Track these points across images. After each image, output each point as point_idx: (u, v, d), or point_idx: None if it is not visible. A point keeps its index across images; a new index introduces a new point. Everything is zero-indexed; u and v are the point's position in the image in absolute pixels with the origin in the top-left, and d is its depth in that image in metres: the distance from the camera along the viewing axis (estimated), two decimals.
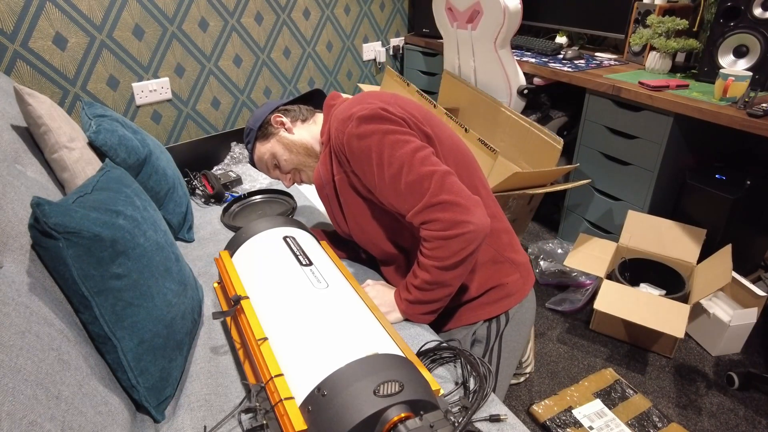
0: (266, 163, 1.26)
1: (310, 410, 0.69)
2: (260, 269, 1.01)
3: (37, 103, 1.16)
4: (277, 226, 1.13)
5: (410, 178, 0.96)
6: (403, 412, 0.67)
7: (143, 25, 2.01)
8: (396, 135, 0.98)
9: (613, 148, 1.95)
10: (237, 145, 2.10)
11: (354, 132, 0.99)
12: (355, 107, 1.02)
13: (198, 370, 1.04)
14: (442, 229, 0.94)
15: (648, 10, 1.99)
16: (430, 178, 0.95)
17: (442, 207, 0.94)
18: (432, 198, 0.95)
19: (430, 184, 0.95)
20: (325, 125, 1.18)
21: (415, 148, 0.97)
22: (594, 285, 2.02)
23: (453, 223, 0.93)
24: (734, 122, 1.49)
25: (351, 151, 1.02)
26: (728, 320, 1.70)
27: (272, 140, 1.23)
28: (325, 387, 0.70)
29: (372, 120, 0.99)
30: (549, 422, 1.50)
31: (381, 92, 1.09)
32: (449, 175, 0.97)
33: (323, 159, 1.15)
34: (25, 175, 1.04)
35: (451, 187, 0.95)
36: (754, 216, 1.88)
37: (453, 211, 0.93)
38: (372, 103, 1.02)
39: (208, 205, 1.78)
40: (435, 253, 0.96)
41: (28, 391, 0.64)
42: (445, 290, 1.02)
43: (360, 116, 0.99)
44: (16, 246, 0.84)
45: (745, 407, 1.56)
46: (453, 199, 0.94)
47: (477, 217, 0.94)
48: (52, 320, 0.78)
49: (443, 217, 0.94)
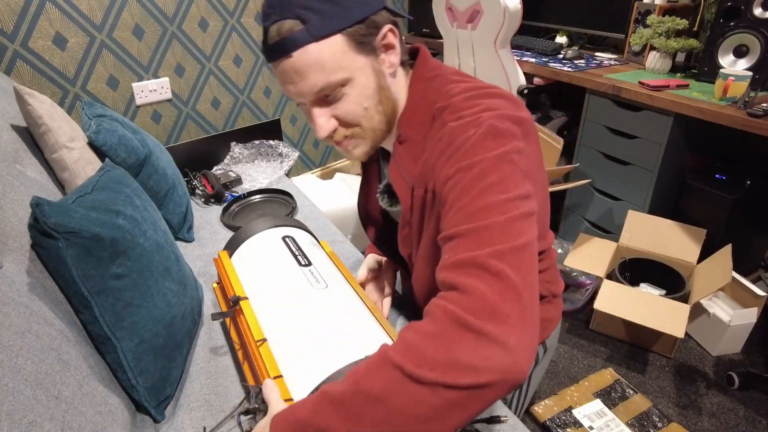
0: (324, 80, 0.71)
1: None
2: (259, 270, 1.01)
3: (37, 103, 1.16)
4: (276, 225, 1.13)
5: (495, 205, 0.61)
6: None
7: (143, 24, 2.01)
8: (517, 165, 0.65)
9: (613, 148, 1.95)
10: (237, 145, 2.09)
11: (480, 142, 0.66)
12: (483, 108, 0.70)
13: (198, 370, 1.04)
14: (466, 309, 0.54)
15: (648, 10, 1.99)
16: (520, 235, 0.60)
17: (493, 280, 0.55)
18: (497, 256, 0.57)
19: (511, 240, 0.59)
20: (415, 104, 0.80)
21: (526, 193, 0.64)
22: (594, 285, 2.02)
23: (487, 318, 0.53)
24: (734, 122, 1.49)
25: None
26: (728, 320, 1.70)
27: (367, 59, 0.73)
28: None
29: (503, 136, 0.67)
30: (549, 422, 1.49)
31: (510, 97, 0.76)
32: (535, 260, 0.61)
33: (404, 152, 0.81)
34: (25, 175, 1.04)
35: (526, 270, 0.58)
36: (754, 216, 1.87)
37: (504, 304, 0.54)
38: (510, 115, 0.70)
39: (207, 205, 1.78)
40: (421, 343, 0.54)
41: (27, 391, 0.63)
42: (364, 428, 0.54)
43: (492, 126, 0.67)
44: (15, 246, 0.84)
45: (745, 407, 1.56)
46: (517, 285, 0.55)
47: (518, 354, 0.52)
48: (52, 320, 0.78)
49: (482, 295, 0.54)
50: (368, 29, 0.71)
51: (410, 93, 0.80)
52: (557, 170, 1.95)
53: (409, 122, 0.79)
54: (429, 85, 0.79)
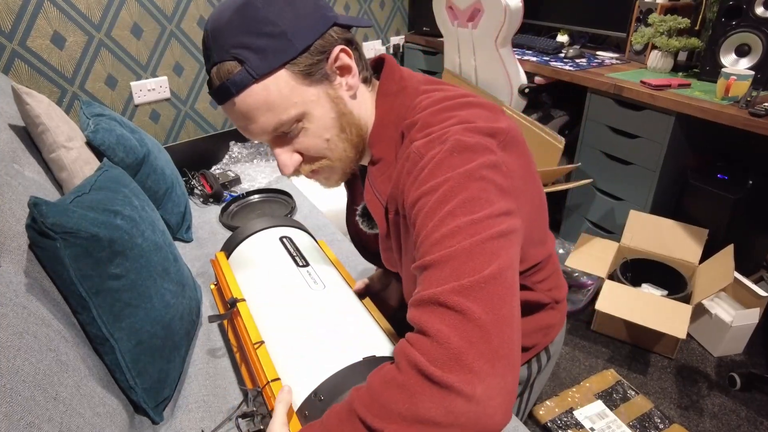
0: (275, 120, 0.66)
1: (307, 415, 0.68)
2: (256, 271, 1.00)
3: (35, 102, 1.16)
4: (273, 226, 1.12)
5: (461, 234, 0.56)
6: None
7: (142, 23, 2.00)
8: (488, 181, 0.60)
9: (614, 148, 1.94)
10: (236, 145, 2.09)
11: (444, 160, 0.61)
12: (452, 123, 0.65)
13: (196, 371, 1.04)
14: (429, 357, 0.50)
15: (650, 9, 1.98)
16: (487, 263, 0.54)
17: (457, 321, 0.51)
18: (461, 292, 0.52)
19: (477, 270, 0.53)
20: (382, 121, 0.74)
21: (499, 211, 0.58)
22: (595, 285, 2.01)
23: (450, 368, 0.49)
24: (736, 122, 1.49)
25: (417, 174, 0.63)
26: (730, 321, 1.69)
27: (320, 89, 0.67)
28: (321, 392, 0.69)
29: (471, 151, 0.61)
30: (550, 423, 1.49)
31: (488, 106, 0.71)
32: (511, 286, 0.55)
33: (377, 173, 0.74)
34: (23, 175, 1.03)
35: (498, 302, 0.53)
36: (756, 216, 1.87)
37: (470, 349, 0.50)
38: (481, 127, 0.64)
39: (206, 205, 1.77)
40: (385, 394, 0.51)
41: (25, 393, 0.63)
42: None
43: (458, 141, 0.62)
44: (13, 246, 0.83)
45: (747, 408, 1.56)
46: (485, 323, 0.51)
47: (487, 403, 0.49)
48: (50, 321, 0.77)
49: (446, 340, 0.50)
50: (315, 57, 0.65)
51: (377, 109, 0.74)
52: (558, 170, 1.94)
53: (379, 141, 0.73)
54: (396, 99, 0.73)
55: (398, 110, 0.72)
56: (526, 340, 0.89)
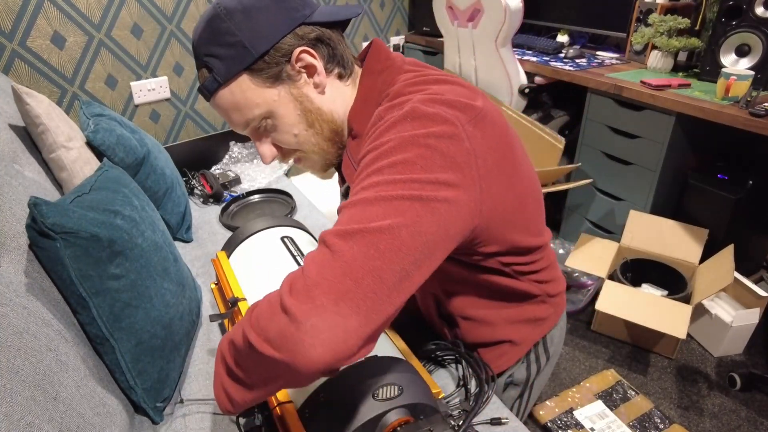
0: (243, 118, 0.73)
1: (308, 415, 0.69)
2: (257, 270, 1.00)
3: (35, 102, 1.15)
4: (274, 225, 1.12)
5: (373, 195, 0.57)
6: (402, 416, 0.67)
7: (142, 23, 2.00)
8: (433, 150, 0.59)
9: (614, 148, 1.94)
10: (236, 145, 2.08)
11: (395, 124, 0.62)
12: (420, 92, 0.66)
13: (196, 371, 1.04)
14: (291, 285, 0.54)
15: (650, 9, 1.98)
16: (382, 217, 0.55)
17: (325, 258, 0.54)
18: (341, 235, 0.55)
19: (367, 220, 0.55)
20: (364, 98, 0.75)
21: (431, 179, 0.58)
22: (595, 285, 2.01)
23: (297, 296, 0.52)
24: (736, 122, 1.49)
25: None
26: (730, 321, 1.69)
27: (281, 89, 0.71)
28: (323, 391, 0.69)
29: (425, 118, 0.61)
30: (550, 423, 1.49)
31: (468, 86, 0.70)
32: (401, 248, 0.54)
33: (355, 146, 0.76)
34: (23, 175, 1.03)
35: (374, 254, 0.53)
36: (757, 216, 1.87)
37: (321, 283, 0.52)
38: (447, 99, 0.64)
39: (206, 205, 1.77)
40: (262, 309, 0.56)
41: (25, 392, 0.63)
42: (240, 371, 0.60)
43: (415, 108, 0.62)
44: (13, 246, 0.83)
45: (747, 408, 1.56)
46: (348, 265, 0.52)
47: (311, 337, 0.50)
48: (50, 321, 0.77)
49: (308, 271, 0.54)
50: (274, 60, 0.69)
51: (360, 87, 0.77)
52: (558, 170, 1.94)
53: (359, 118, 0.76)
54: (378, 77, 0.75)
55: (380, 87, 0.74)
56: (513, 331, 0.89)
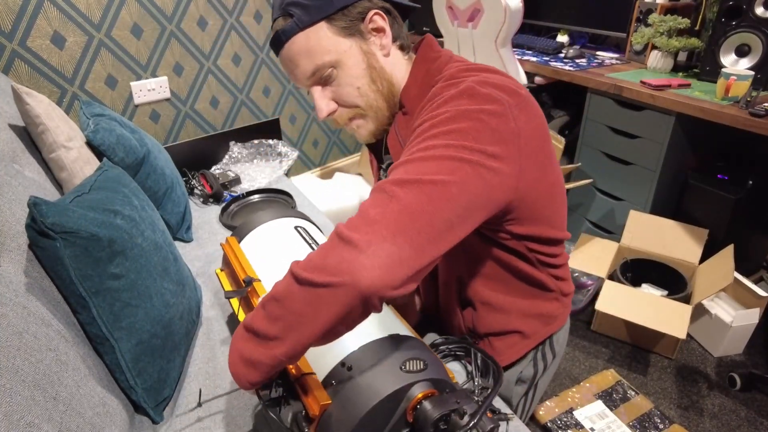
0: (313, 64, 0.77)
1: (334, 384, 0.68)
2: (273, 254, 0.98)
3: (35, 102, 1.16)
4: (286, 216, 1.11)
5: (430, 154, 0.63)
6: (427, 389, 0.67)
7: (142, 23, 2.00)
8: (484, 124, 0.65)
9: (614, 148, 1.94)
10: (235, 145, 2.08)
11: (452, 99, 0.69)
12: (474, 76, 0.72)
13: (196, 370, 1.04)
14: (349, 223, 0.60)
15: (650, 9, 1.98)
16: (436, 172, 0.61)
17: (382, 199, 0.61)
18: (399, 183, 0.61)
19: (423, 173, 0.61)
20: (418, 79, 0.82)
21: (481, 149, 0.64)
22: (595, 285, 2.01)
23: (357, 229, 0.58)
24: (736, 122, 1.49)
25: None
26: (730, 321, 1.69)
27: (353, 42, 0.78)
28: (349, 362, 0.69)
29: (479, 97, 0.67)
30: (550, 423, 1.49)
31: (513, 78, 0.77)
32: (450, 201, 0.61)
33: (404, 121, 0.82)
34: (23, 175, 1.03)
35: (426, 201, 0.60)
36: (756, 216, 1.87)
37: (381, 219, 0.58)
38: (497, 84, 0.70)
39: (206, 205, 1.77)
40: (312, 254, 0.61)
41: (25, 392, 0.63)
42: (276, 326, 0.62)
43: (470, 87, 0.69)
44: (13, 246, 0.83)
45: (747, 408, 1.56)
46: (405, 206, 0.59)
47: (373, 260, 0.55)
48: (50, 321, 0.77)
49: (365, 211, 0.60)
50: (351, 15, 0.77)
51: (413, 70, 0.83)
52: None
53: (410, 95, 0.82)
54: (432, 64, 0.81)
55: (433, 72, 0.81)
56: (525, 323, 0.92)
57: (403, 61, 0.84)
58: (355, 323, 0.61)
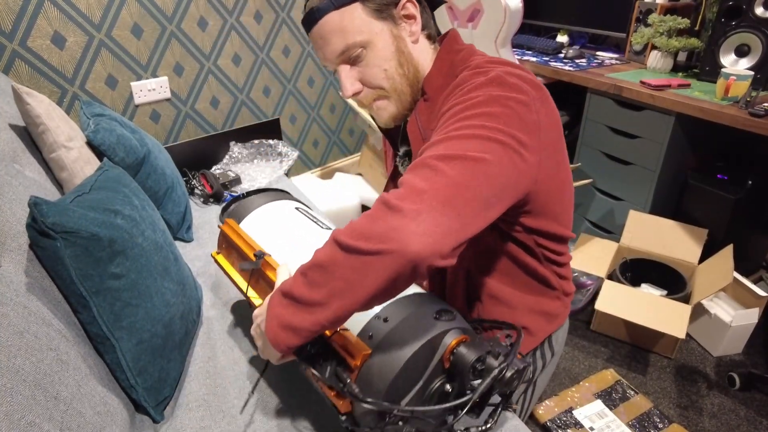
0: (344, 43, 0.79)
1: (372, 336, 0.70)
2: (280, 231, 0.96)
3: (35, 102, 1.16)
4: (285, 199, 1.08)
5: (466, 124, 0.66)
6: (460, 335, 0.70)
7: (142, 24, 2.01)
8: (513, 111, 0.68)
9: (614, 148, 1.94)
10: (236, 145, 2.09)
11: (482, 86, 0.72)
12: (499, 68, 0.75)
13: (197, 370, 1.04)
14: (395, 194, 0.61)
15: (649, 9, 1.99)
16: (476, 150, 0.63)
17: (428, 173, 0.62)
18: (442, 158, 0.63)
19: (465, 150, 0.63)
20: (441, 69, 0.84)
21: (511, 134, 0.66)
22: (595, 285, 2.01)
23: (405, 198, 0.60)
24: (736, 122, 1.49)
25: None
26: (729, 321, 1.69)
27: (384, 25, 0.80)
28: (384, 314, 0.71)
29: (507, 86, 0.70)
30: (550, 423, 1.49)
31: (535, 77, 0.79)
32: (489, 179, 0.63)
33: (425, 108, 0.85)
34: (23, 175, 1.04)
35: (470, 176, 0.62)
36: (756, 216, 1.87)
37: (429, 189, 0.60)
38: (523, 76, 0.74)
39: (207, 205, 1.77)
40: (356, 223, 0.62)
41: (26, 392, 0.63)
42: (320, 292, 0.63)
43: (499, 75, 0.72)
44: (14, 246, 0.83)
45: (746, 408, 1.56)
46: (451, 180, 0.61)
47: (422, 227, 0.57)
48: (51, 320, 0.77)
49: (412, 182, 0.62)
50: (384, 0, 0.79)
51: (437, 61, 0.85)
52: None
53: (433, 83, 0.84)
54: (456, 56, 0.84)
55: (458, 63, 0.83)
56: (530, 320, 0.93)
57: (429, 50, 0.86)
58: (400, 290, 0.62)
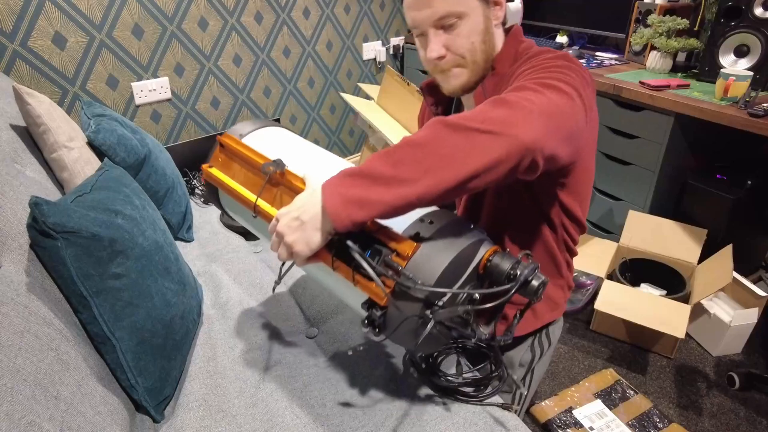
0: (446, 8, 0.85)
1: (419, 234, 0.72)
2: (291, 150, 0.90)
3: (36, 102, 1.16)
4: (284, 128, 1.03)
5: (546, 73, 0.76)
6: (492, 246, 0.76)
7: (143, 24, 2.01)
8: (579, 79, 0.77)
9: (613, 148, 1.94)
10: None
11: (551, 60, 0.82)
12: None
13: (197, 369, 1.04)
14: (509, 97, 0.69)
15: (649, 10, 1.99)
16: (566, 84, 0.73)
17: (534, 94, 0.70)
18: (541, 84, 0.72)
19: (559, 80, 0.73)
20: (509, 53, 0.94)
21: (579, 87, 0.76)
22: (594, 285, 2.02)
23: (521, 98, 0.68)
24: (735, 122, 1.49)
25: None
26: (729, 320, 1.70)
27: (480, 3, 0.88)
28: (429, 218, 0.74)
29: (574, 65, 0.80)
30: (549, 423, 1.49)
31: None
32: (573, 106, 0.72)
33: (492, 83, 0.93)
34: (24, 175, 1.04)
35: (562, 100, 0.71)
36: (755, 216, 1.87)
37: (537, 99, 0.68)
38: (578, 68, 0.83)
39: (207, 205, 1.78)
40: (466, 113, 0.68)
41: (26, 392, 0.63)
42: (408, 169, 0.65)
43: (566, 55, 0.83)
44: (15, 246, 0.83)
45: (745, 408, 1.56)
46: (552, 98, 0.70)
47: (537, 119, 0.65)
48: (51, 320, 0.78)
49: (524, 87, 0.72)
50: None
51: (505, 46, 0.95)
52: None
53: (501, 61, 0.93)
54: (519, 45, 0.94)
55: (521, 53, 0.93)
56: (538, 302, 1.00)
57: (502, 37, 0.96)
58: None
